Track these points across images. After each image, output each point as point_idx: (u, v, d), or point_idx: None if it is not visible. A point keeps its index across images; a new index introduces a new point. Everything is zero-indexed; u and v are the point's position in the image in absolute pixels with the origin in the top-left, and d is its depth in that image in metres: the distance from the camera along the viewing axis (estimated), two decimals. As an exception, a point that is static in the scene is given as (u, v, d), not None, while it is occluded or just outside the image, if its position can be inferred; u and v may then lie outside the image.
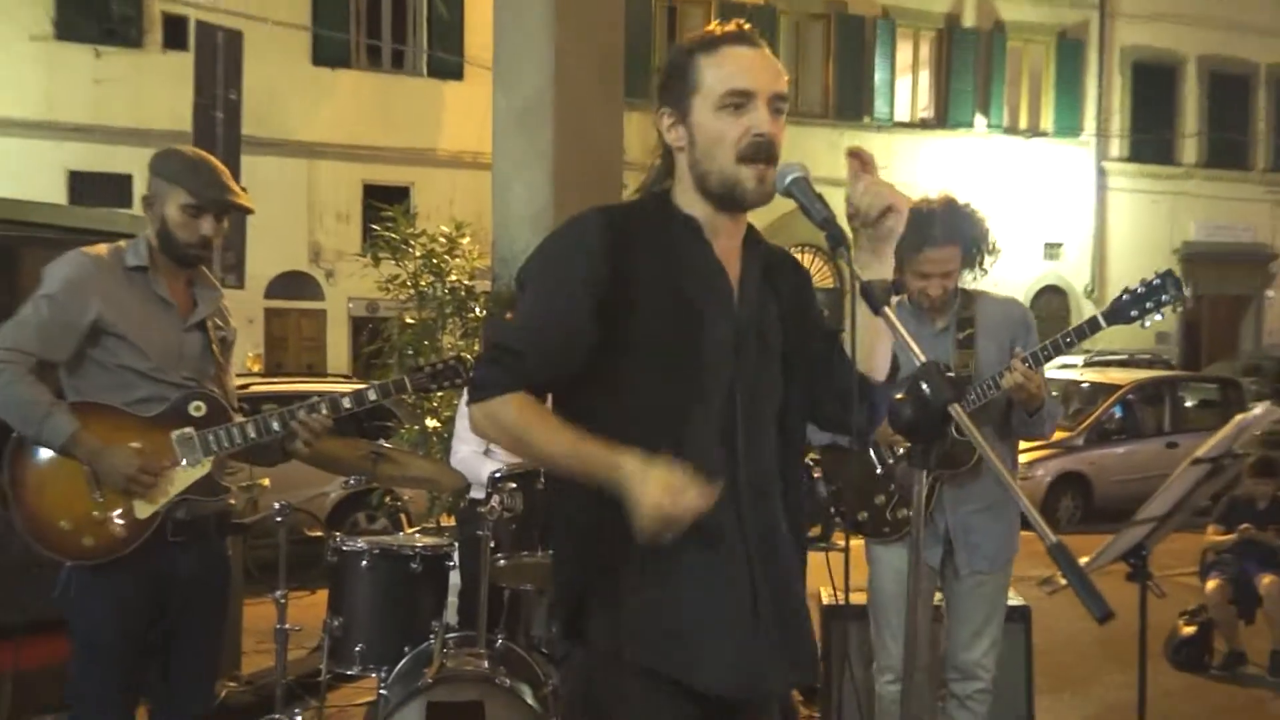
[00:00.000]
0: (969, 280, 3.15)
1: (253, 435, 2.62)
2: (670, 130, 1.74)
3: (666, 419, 1.66)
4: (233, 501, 2.77)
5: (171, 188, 2.60)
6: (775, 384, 1.79)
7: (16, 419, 2.45)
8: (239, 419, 2.65)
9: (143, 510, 2.52)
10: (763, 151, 1.67)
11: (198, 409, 2.59)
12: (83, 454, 2.46)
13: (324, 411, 2.68)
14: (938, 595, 3.22)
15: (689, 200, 1.75)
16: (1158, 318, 2.94)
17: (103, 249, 2.63)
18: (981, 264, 3.12)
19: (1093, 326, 2.96)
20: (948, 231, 3.00)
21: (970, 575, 3.07)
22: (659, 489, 1.52)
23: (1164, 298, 2.90)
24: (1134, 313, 2.93)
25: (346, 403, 2.73)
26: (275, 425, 2.64)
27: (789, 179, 1.64)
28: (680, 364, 1.68)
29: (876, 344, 1.79)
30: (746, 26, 1.76)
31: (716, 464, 1.66)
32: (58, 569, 2.59)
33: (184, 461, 2.56)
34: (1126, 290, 2.97)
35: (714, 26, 1.76)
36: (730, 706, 1.72)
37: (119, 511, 2.50)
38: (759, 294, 1.78)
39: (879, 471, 3.16)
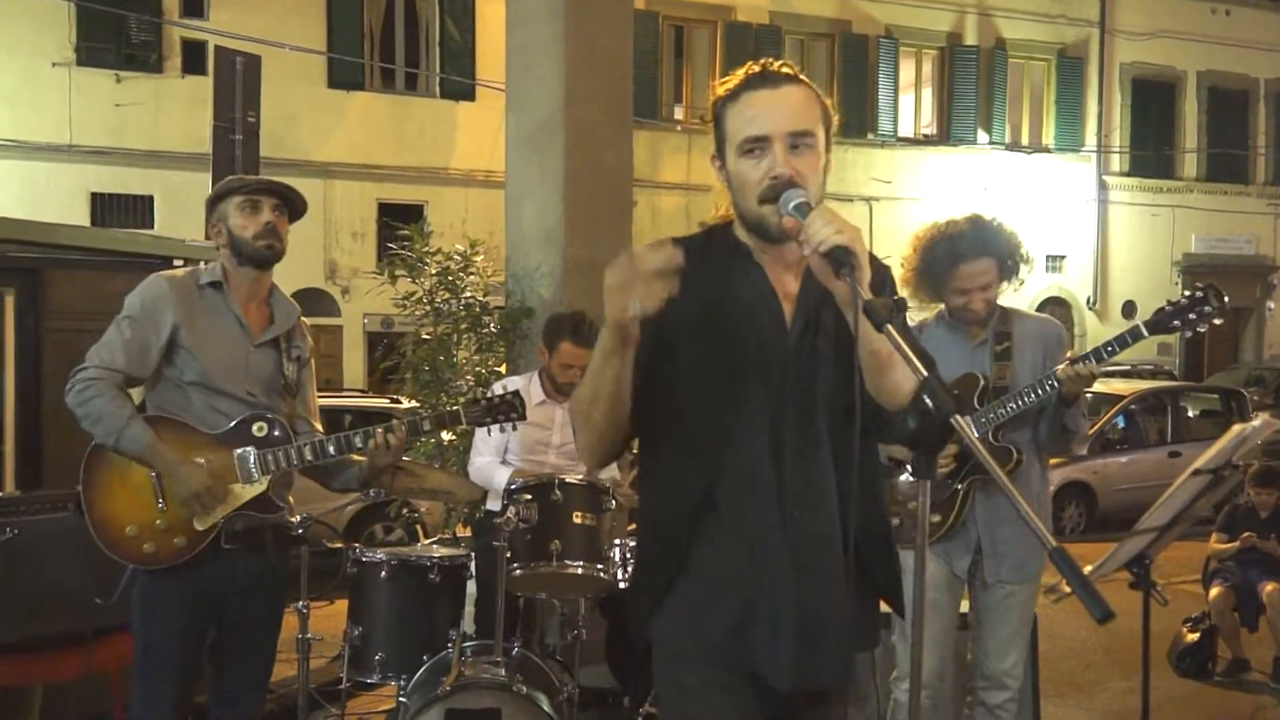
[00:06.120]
0: (1010, 291, 3.20)
1: (309, 457, 2.74)
2: (719, 174, 1.85)
3: (709, 429, 1.78)
4: (293, 517, 2.88)
5: (226, 200, 2.78)
6: (832, 397, 1.81)
7: (100, 430, 2.62)
8: (301, 441, 2.77)
9: (201, 522, 2.66)
10: (779, 191, 1.71)
11: (260, 429, 2.72)
12: (159, 464, 2.63)
13: (398, 432, 2.79)
14: (964, 604, 3.25)
15: (741, 228, 1.85)
16: (1201, 329, 2.95)
17: (179, 271, 2.83)
18: (1018, 274, 3.17)
19: (1134, 335, 2.99)
20: (978, 246, 3.08)
21: (998, 585, 3.11)
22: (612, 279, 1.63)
23: (1206, 309, 2.92)
24: (1176, 323, 2.95)
25: (426, 424, 2.88)
26: (330, 449, 2.76)
27: (792, 203, 1.67)
28: (721, 379, 1.79)
29: (885, 368, 1.71)
30: (775, 65, 1.80)
31: (762, 472, 1.77)
32: (119, 575, 2.74)
33: (242, 479, 2.69)
34: (1170, 302, 2.99)
35: (742, 71, 1.82)
36: (784, 699, 1.81)
37: (180, 521, 2.65)
38: (818, 310, 1.81)
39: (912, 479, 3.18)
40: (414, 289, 5.27)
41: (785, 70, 1.81)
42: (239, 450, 2.69)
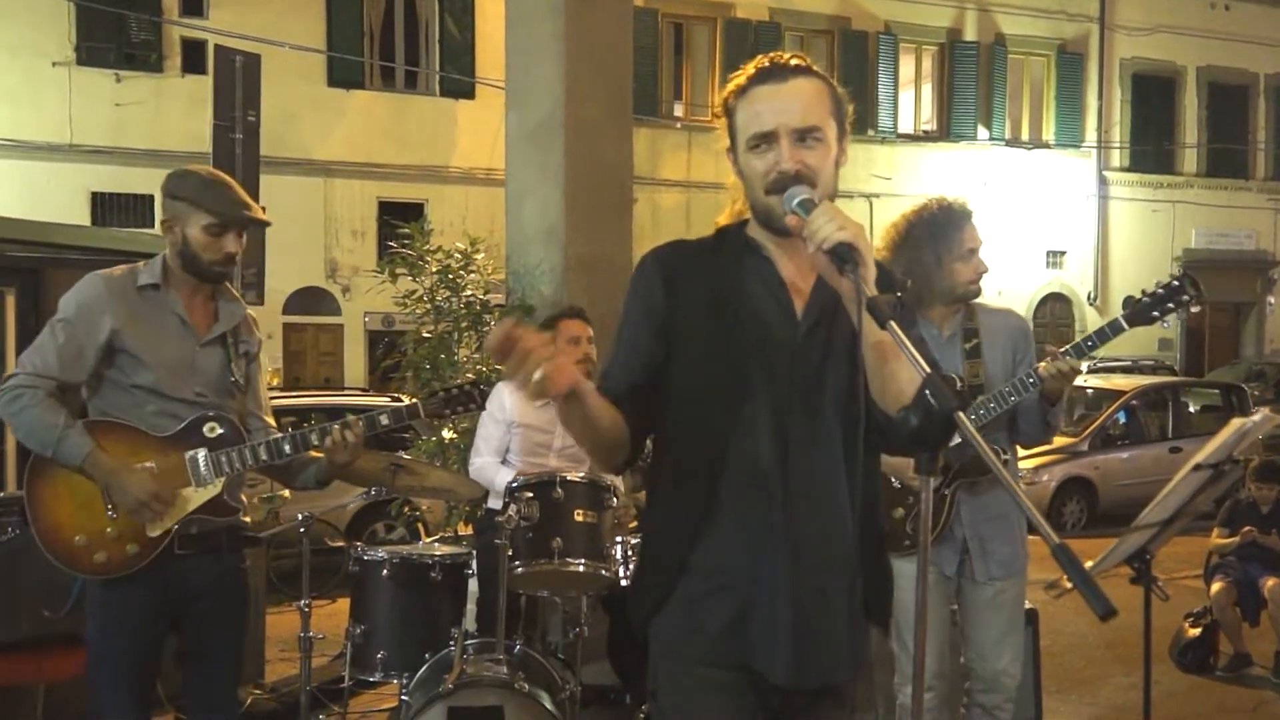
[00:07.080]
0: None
1: (264, 457, 2.64)
2: (734, 167, 1.85)
3: (713, 422, 1.77)
4: (246, 518, 2.77)
5: (191, 209, 2.61)
6: (843, 393, 1.78)
7: (35, 441, 2.51)
8: (255, 440, 2.67)
9: (154, 528, 2.55)
10: (785, 184, 1.72)
11: (211, 429, 2.61)
12: (98, 474, 2.50)
13: (355, 429, 2.69)
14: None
15: (754, 225, 1.85)
16: (1180, 318, 2.97)
17: (117, 270, 2.67)
18: None
19: (1114, 329, 2.98)
20: (965, 211, 3.09)
21: (988, 583, 3.08)
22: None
23: (1184, 297, 2.92)
24: (1155, 313, 2.95)
25: (384, 419, 2.78)
26: (286, 448, 2.66)
27: (795, 200, 1.68)
28: (724, 371, 1.78)
29: (887, 365, 1.68)
30: (785, 58, 1.80)
31: (765, 466, 1.76)
32: (71, 584, 2.67)
33: (194, 482, 2.59)
34: (1145, 292, 2.98)
35: (752, 65, 1.81)
36: (785, 697, 1.80)
37: (131, 529, 2.54)
38: (834, 307, 1.78)
39: (897, 485, 3.13)
40: (415, 287, 5.27)
41: (795, 63, 1.79)
42: (190, 452, 2.58)
